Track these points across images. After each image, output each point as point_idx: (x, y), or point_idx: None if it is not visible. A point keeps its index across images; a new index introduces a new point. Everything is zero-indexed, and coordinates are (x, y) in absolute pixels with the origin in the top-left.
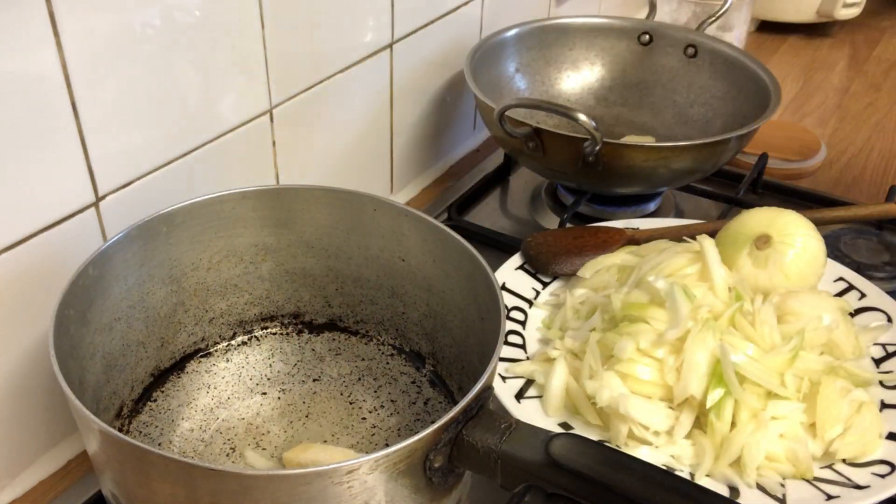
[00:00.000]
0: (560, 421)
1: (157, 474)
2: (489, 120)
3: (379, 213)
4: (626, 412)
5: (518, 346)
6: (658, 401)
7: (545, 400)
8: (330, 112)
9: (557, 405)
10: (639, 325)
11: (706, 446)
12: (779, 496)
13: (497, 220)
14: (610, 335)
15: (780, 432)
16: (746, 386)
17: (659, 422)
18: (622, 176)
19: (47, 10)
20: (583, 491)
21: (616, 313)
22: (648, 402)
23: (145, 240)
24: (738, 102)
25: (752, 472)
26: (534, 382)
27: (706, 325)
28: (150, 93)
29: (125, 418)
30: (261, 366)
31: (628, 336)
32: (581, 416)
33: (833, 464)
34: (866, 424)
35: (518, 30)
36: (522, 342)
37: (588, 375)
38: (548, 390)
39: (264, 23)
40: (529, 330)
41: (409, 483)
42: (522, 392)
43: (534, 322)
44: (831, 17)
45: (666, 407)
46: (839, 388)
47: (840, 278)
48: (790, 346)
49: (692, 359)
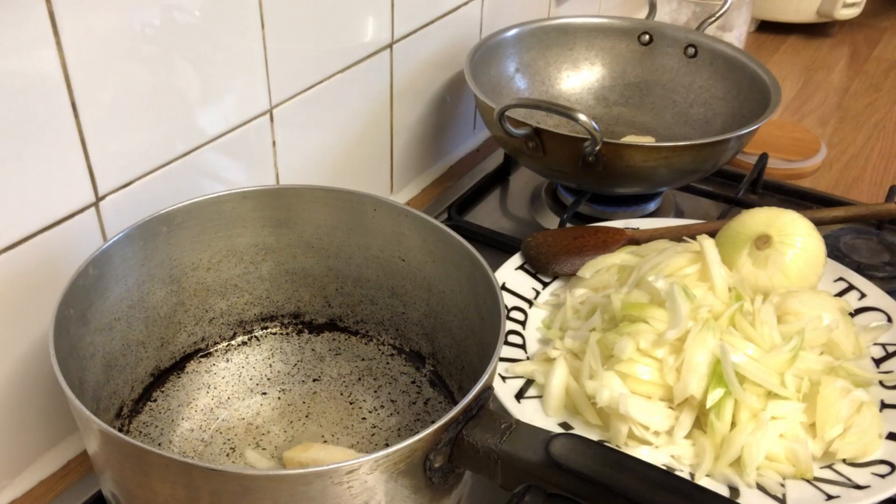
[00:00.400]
0: (560, 421)
1: (157, 474)
2: (489, 120)
3: (379, 213)
4: (626, 412)
5: (518, 346)
6: (658, 401)
7: (545, 400)
8: (330, 112)
9: (557, 405)
10: (639, 325)
11: (706, 446)
12: (779, 496)
13: (497, 220)
14: (610, 335)
15: (780, 432)
16: (746, 386)
17: (659, 422)
18: (622, 176)
19: (47, 10)
20: (583, 491)
21: (616, 313)
22: (648, 402)
23: (145, 240)
24: (738, 102)
25: (753, 472)
26: (534, 382)
27: (706, 325)
28: (150, 93)
29: (125, 418)
30: (261, 366)
31: (628, 336)
32: (581, 416)
33: (833, 464)
34: (866, 424)
35: (518, 30)
36: (522, 342)
37: (588, 375)
38: (548, 390)
39: (264, 23)
40: (529, 330)
41: (409, 483)
42: (522, 392)
43: (534, 322)
44: (831, 17)
45: (666, 407)
46: (839, 388)
47: (840, 278)
48: (790, 345)
49: (692, 359)
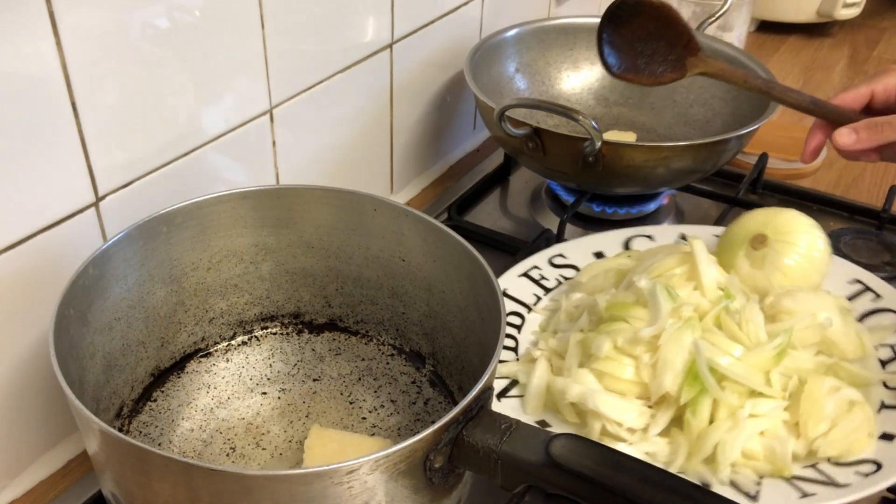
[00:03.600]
0: (538, 419)
1: (157, 474)
2: (489, 120)
3: (379, 213)
4: (596, 408)
5: (510, 349)
6: (634, 399)
7: (525, 398)
8: (330, 112)
9: (536, 404)
10: (618, 325)
11: (681, 443)
12: (751, 493)
13: (497, 220)
14: (591, 335)
15: (760, 430)
16: (727, 384)
17: (631, 419)
18: (622, 176)
19: (47, 10)
20: (583, 491)
21: (601, 314)
22: (621, 399)
23: (145, 240)
24: (738, 102)
25: (726, 469)
26: (517, 383)
27: (686, 324)
28: (150, 93)
29: (125, 418)
30: (261, 366)
31: (606, 335)
32: (560, 414)
33: (817, 463)
34: (855, 424)
35: (518, 30)
36: (515, 345)
37: (566, 374)
38: (528, 389)
39: (264, 23)
40: (525, 334)
41: (409, 483)
42: (506, 391)
43: (531, 326)
44: (831, 17)
45: (642, 405)
46: (827, 386)
47: (856, 280)
48: (775, 343)
49: (667, 356)
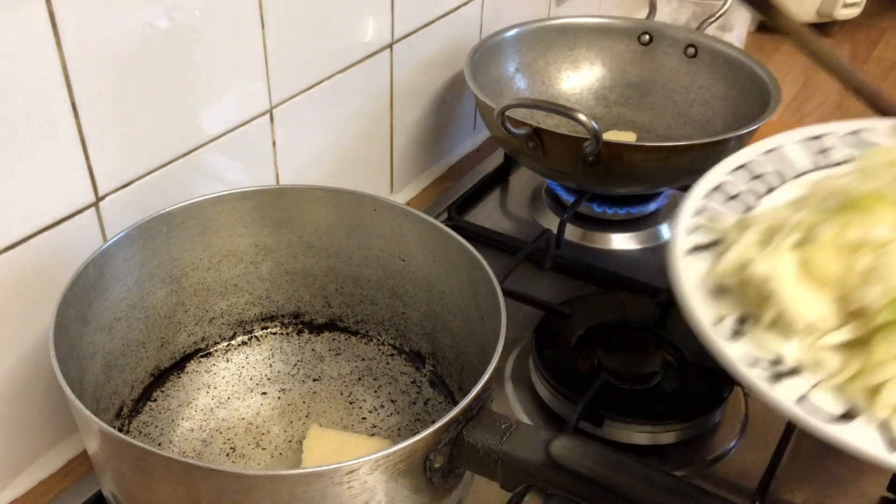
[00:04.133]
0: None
1: (157, 474)
2: (489, 120)
3: (379, 213)
4: (776, 291)
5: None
6: (827, 296)
7: (719, 260)
8: (330, 112)
9: (726, 269)
10: (854, 216)
11: (854, 362)
12: None
13: (497, 220)
14: (818, 216)
15: None
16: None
17: (808, 311)
18: (622, 176)
19: (47, 10)
20: (583, 492)
21: (850, 201)
22: (812, 293)
23: (145, 240)
24: (738, 102)
25: (885, 409)
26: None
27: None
28: (150, 92)
29: (125, 418)
30: (261, 366)
31: (835, 222)
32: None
33: None
34: None
35: (518, 30)
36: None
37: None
38: (727, 251)
39: (264, 23)
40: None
41: (409, 483)
42: (707, 247)
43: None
44: (831, 17)
45: (834, 309)
46: None
47: None
48: None
49: (885, 266)
